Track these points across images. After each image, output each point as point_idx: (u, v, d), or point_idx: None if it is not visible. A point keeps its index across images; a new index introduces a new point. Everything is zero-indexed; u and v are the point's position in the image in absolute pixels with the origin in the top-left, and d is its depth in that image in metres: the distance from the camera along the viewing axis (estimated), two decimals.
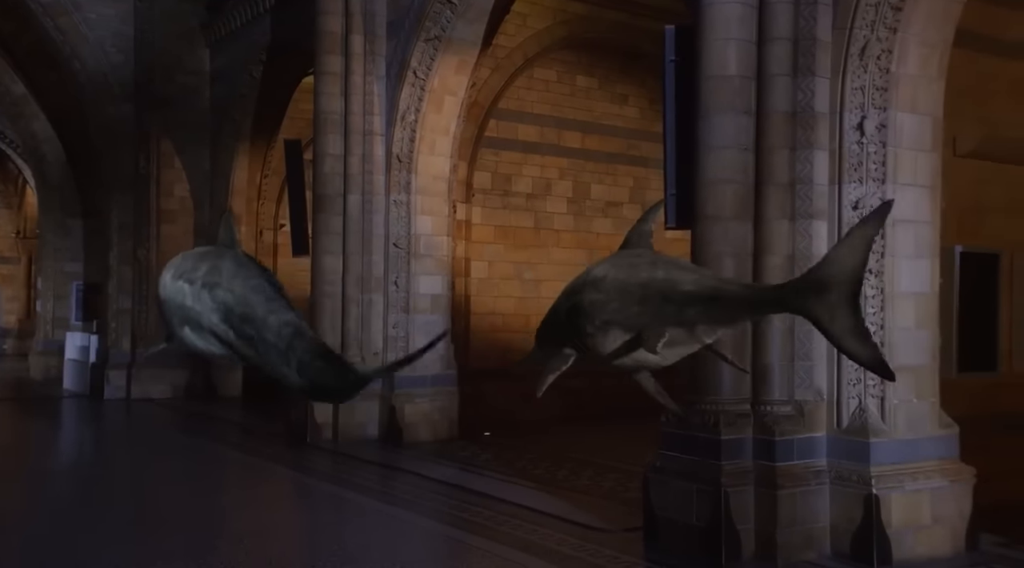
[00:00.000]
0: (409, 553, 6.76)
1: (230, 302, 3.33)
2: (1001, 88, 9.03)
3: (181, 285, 3.62)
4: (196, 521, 7.89)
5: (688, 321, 3.22)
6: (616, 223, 15.02)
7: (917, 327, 6.72)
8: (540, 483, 9.19)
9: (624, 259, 3.54)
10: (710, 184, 6.74)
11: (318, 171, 11.96)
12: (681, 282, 3.23)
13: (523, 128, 13.96)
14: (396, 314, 11.71)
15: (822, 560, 6.42)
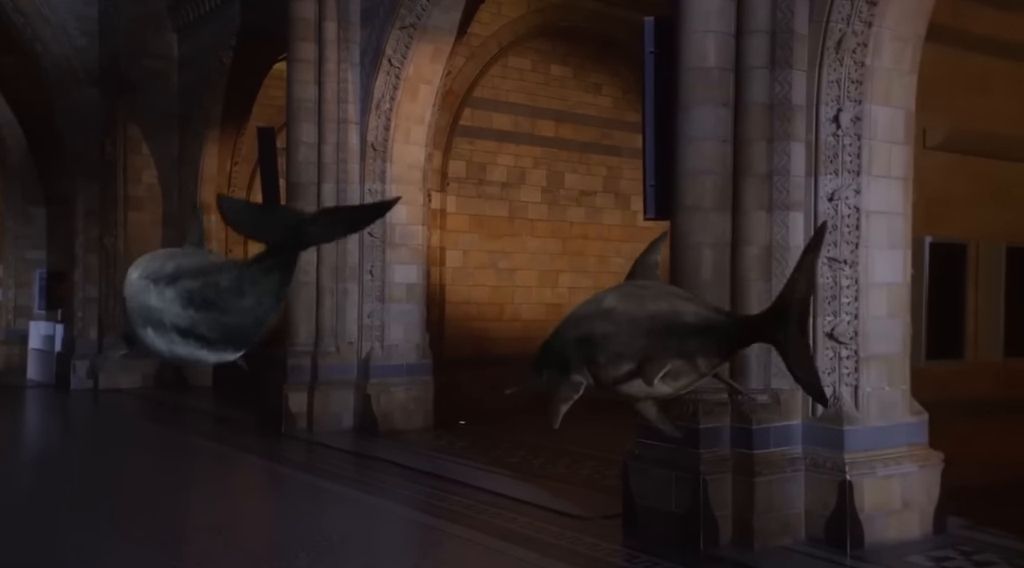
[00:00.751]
0: (390, 542, 6.79)
1: (190, 286, 3.35)
2: (968, 82, 9.22)
3: (146, 284, 3.62)
4: (171, 512, 7.84)
5: (689, 353, 3.35)
6: (589, 212, 15.10)
7: (889, 316, 6.87)
8: (517, 471, 9.25)
9: (632, 290, 3.63)
10: (689, 175, 6.80)
11: (292, 159, 11.87)
12: (683, 314, 3.38)
13: (497, 117, 13.95)
14: (371, 303, 11.68)
15: (797, 545, 6.55)
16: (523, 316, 14.31)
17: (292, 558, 6.14)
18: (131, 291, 3.64)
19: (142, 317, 3.48)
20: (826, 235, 6.74)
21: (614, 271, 15.29)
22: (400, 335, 11.72)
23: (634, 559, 6.23)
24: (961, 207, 8.88)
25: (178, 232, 17.90)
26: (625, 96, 15.31)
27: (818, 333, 6.72)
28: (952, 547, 6.65)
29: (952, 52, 8.83)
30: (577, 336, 3.65)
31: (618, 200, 15.35)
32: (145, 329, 3.46)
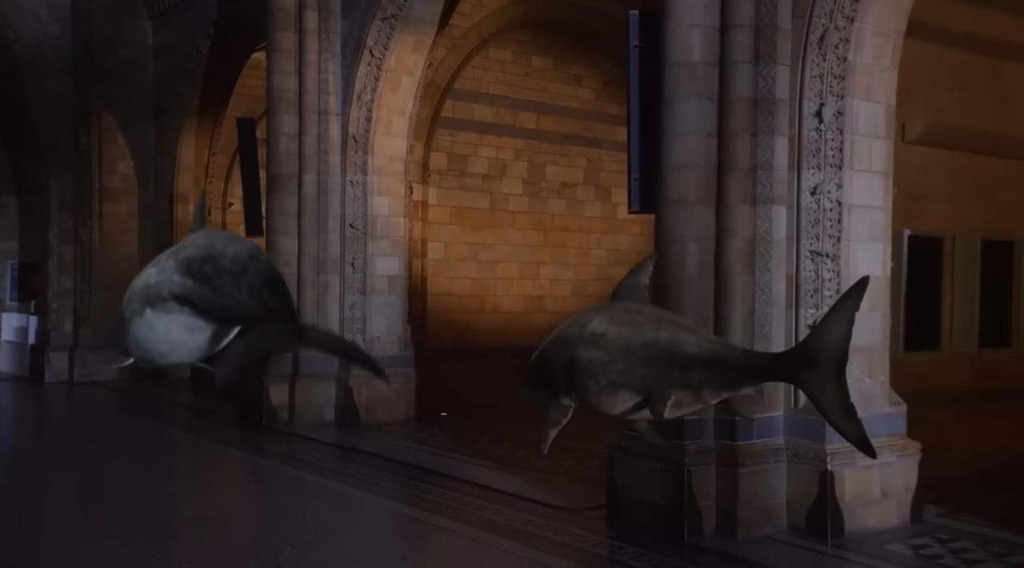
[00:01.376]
0: (376, 535, 6.80)
1: (192, 255, 3.37)
2: (946, 77, 9.33)
3: (147, 271, 3.66)
4: (154, 506, 7.79)
5: (693, 385, 3.32)
6: (570, 204, 15.14)
7: (870, 309, 6.94)
8: (501, 463, 9.28)
9: (624, 314, 3.54)
10: (674, 169, 6.84)
11: (272, 150, 11.78)
12: (684, 344, 3.33)
13: (479, 108, 13.94)
14: (353, 295, 11.65)
15: (779, 535, 6.64)
16: (504, 308, 14.34)
17: (278, 552, 6.12)
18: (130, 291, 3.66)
19: (140, 302, 3.49)
20: (808, 228, 6.82)
21: (595, 263, 15.37)
22: (382, 327, 11.70)
23: (620, 550, 6.28)
24: (939, 201, 9.01)
25: (155, 223, 17.74)
26: (606, 88, 15.34)
27: (800, 325, 6.80)
28: (929, 535, 6.77)
29: (931, 48, 8.93)
30: (565, 359, 3.59)
31: (599, 192, 15.40)
32: (143, 312, 3.46)
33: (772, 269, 6.82)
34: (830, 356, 3.06)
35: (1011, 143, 9.66)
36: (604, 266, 15.43)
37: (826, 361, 3.05)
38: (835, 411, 3.08)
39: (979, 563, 6.14)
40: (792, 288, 6.83)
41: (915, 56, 7.72)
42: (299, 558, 5.97)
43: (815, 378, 3.07)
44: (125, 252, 17.79)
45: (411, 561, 5.99)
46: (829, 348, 3.07)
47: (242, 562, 5.93)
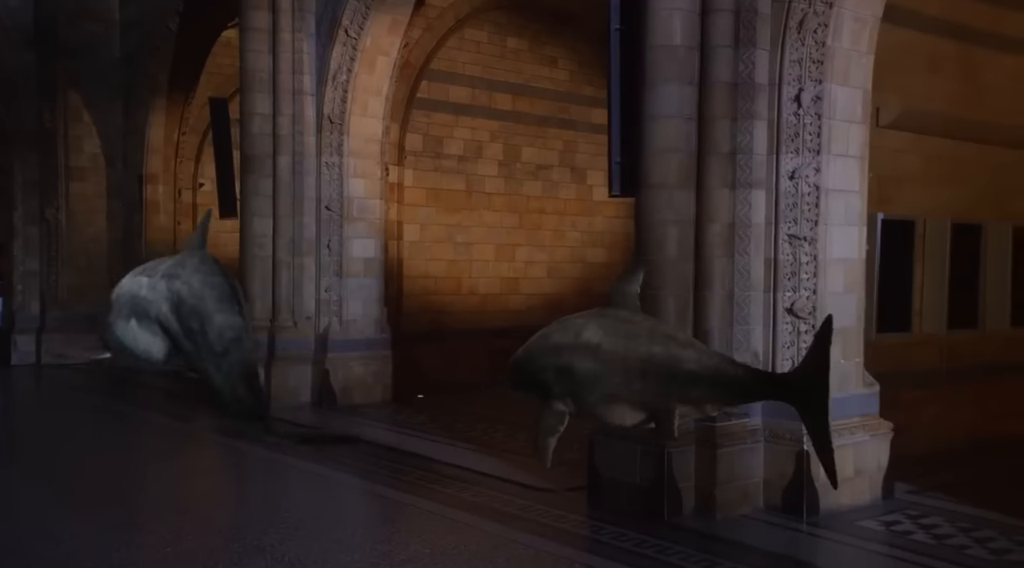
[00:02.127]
0: (358, 517, 6.83)
1: (183, 293, 3.48)
2: (919, 62, 9.43)
3: (140, 279, 3.76)
4: (134, 490, 7.74)
5: (694, 400, 3.46)
6: (546, 186, 15.14)
7: (846, 291, 7.07)
8: (479, 445, 9.33)
9: (617, 325, 3.63)
10: (656, 153, 6.87)
11: (246, 131, 11.64)
12: (683, 360, 3.49)
13: (454, 89, 13.85)
14: (329, 278, 11.59)
15: (756, 513, 6.77)
16: (480, 290, 14.35)
17: (261, 535, 6.12)
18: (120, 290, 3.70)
19: (128, 309, 3.56)
20: (787, 212, 6.91)
21: (570, 245, 15.41)
22: (358, 309, 11.66)
23: (601, 530, 6.36)
24: (911, 185, 9.14)
25: (124, 203, 17.47)
26: (581, 70, 15.32)
27: (778, 308, 6.90)
28: (900, 511, 6.95)
29: (904, 33, 9.01)
30: (557, 366, 3.66)
31: (574, 174, 15.42)
32: (129, 321, 3.51)
33: (751, 252, 6.90)
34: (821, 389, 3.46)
35: (981, 128, 9.81)
36: (579, 248, 15.49)
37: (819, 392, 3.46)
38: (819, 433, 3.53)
39: (948, 538, 6.31)
40: (770, 271, 6.92)
41: (889, 41, 7.79)
42: (283, 541, 5.98)
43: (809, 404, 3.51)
44: (94, 232, 17.54)
45: (395, 543, 6.02)
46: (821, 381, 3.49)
47: (225, 546, 5.92)
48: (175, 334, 3.41)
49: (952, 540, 6.27)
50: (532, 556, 5.78)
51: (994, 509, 6.95)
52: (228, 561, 5.59)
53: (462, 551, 5.87)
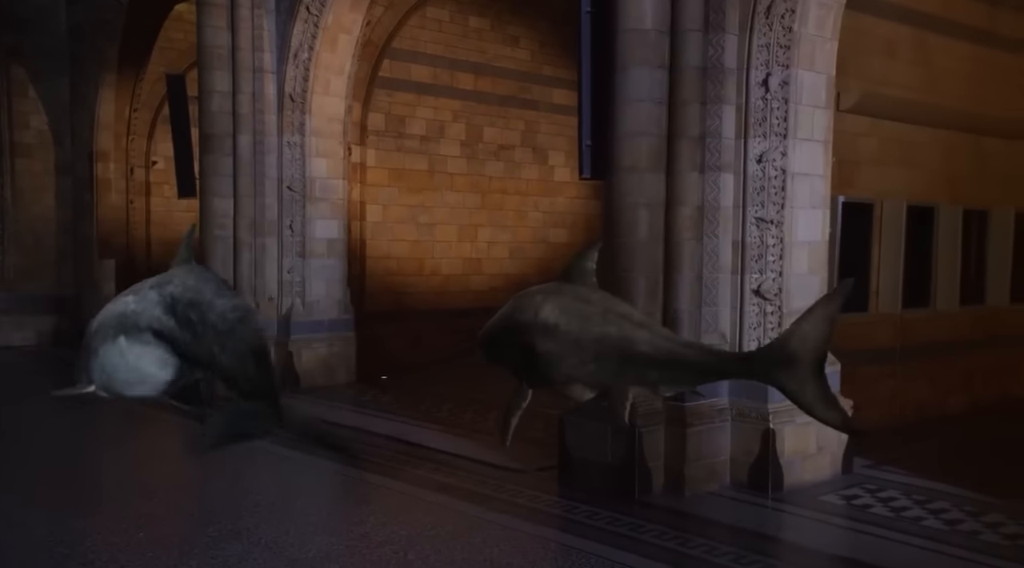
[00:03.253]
0: (332, 499, 6.83)
1: (178, 292, 3.31)
2: (876, 46, 9.61)
3: (124, 299, 3.58)
4: (96, 476, 7.63)
5: (650, 382, 3.39)
6: (508, 167, 15.13)
7: (810, 273, 7.24)
8: (447, 425, 9.38)
9: (573, 304, 3.52)
10: (627, 136, 6.93)
11: (205, 109, 11.42)
12: (636, 342, 3.32)
13: (416, 68, 13.74)
14: (291, 259, 11.48)
15: (723, 490, 6.95)
16: (443, 271, 14.34)
17: (235, 519, 6.10)
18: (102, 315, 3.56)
19: (114, 328, 3.39)
20: (754, 195, 7.03)
21: (532, 225, 15.47)
22: (321, 291, 11.58)
23: (574, 509, 6.46)
24: (869, 168, 9.33)
25: (74, 181, 17.03)
26: (542, 50, 15.30)
27: (745, 290, 7.04)
28: (859, 485, 7.19)
29: (863, 18, 9.15)
30: (520, 344, 3.59)
31: (536, 155, 15.43)
32: (116, 339, 3.36)
33: (719, 235, 7.02)
34: (808, 357, 3.10)
35: (935, 112, 10.04)
36: (541, 228, 15.55)
37: (804, 362, 3.09)
38: (817, 405, 3.15)
39: (904, 510, 6.56)
40: (738, 254, 7.05)
41: (848, 26, 7.92)
42: (258, 524, 5.97)
43: (795, 379, 3.12)
44: (41, 211, 17.09)
45: (372, 524, 6.04)
46: (807, 349, 3.10)
47: (200, 530, 5.89)
48: (171, 334, 3.23)
49: (909, 512, 6.52)
50: (508, 536, 5.86)
51: (946, 481, 7.24)
52: (204, 545, 5.57)
53: (439, 532, 5.93)
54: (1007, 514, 6.46)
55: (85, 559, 5.34)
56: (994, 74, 10.69)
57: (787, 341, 3.17)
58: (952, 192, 10.44)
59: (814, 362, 3.12)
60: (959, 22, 10.38)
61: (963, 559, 5.63)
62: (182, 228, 18.21)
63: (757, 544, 5.83)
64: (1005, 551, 5.76)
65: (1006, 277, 11.15)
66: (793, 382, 3.13)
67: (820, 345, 3.12)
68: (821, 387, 3.15)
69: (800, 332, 3.14)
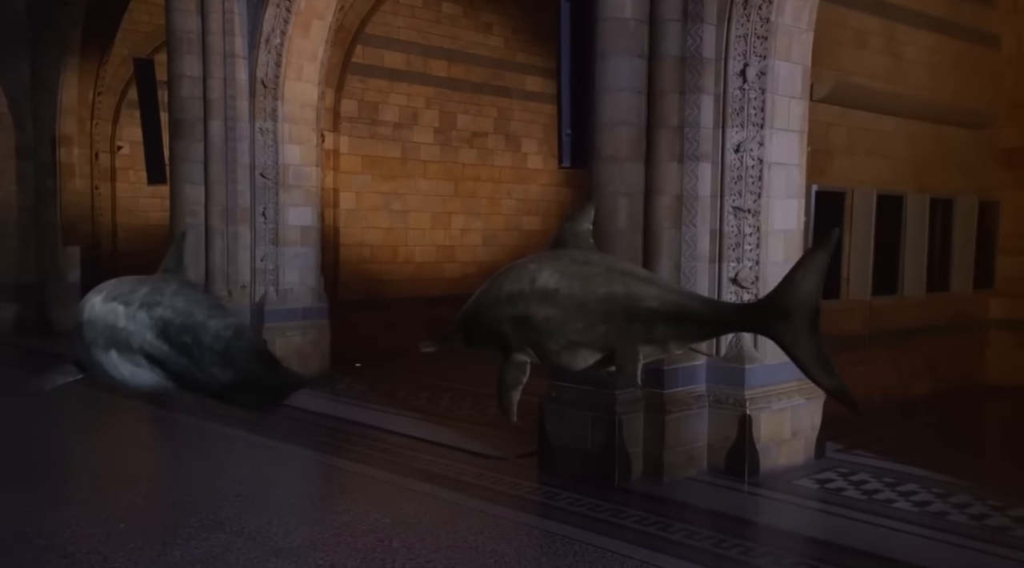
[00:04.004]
0: (313, 488, 6.82)
1: (169, 317, 3.25)
2: (847, 37, 9.74)
3: (114, 307, 3.45)
4: (75, 466, 7.53)
5: (658, 339, 3.24)
6: (481, 154, 15.10)
7: (786, 261, 7.32)
8: (424, 413, 9.39)
9: (572, 266, 3.37)
10: (607, 125, 6.96)
11: (174, 94, 11.25)
12: (643, 297, 3.21)
13: (389, 55, 13.63)
14: (264, 246, 11.38)
15: (701, 476, 7.05)
16: (416, 258, 14.30)
17: (216, 509, 6.07)
18: (92, 314, 3.48)
19: (105, 339, 3.38)
20: (732, 185, 7.11)
21: (505, 213, 15.47)
22: (295, 279, 11.50)
23: (555, 496, 6.52)
24: (840, 157, 9.47)
25: (36, 166, 16.68)
26: (515, 36, 15.27)
27: (723, 278, 7.13)
28: (832, 469, 7.35)
29: (835, 9, 9.27)
30: (513, 315, 3.42)
31: (508, 142, 15.42)
32: (108, 352, 3.34)
33: (697, 224, 7.10)
34: (800, 308, 3.03)
35: (903, 102, 10.21)
36: (514, 215, 15.56)
37: (799, 313, 3.02)
38: (811, 363, 3.08)
39: (876, 493, 6.72)
40: (716, 242, 7.13)
41: (821, 17, 8.01)
42: (240, 514, 5.95)
43: (789, 331, 3.05)
44: (2, 196, 16.74)
45: (354, 513, 6.05)
46: (800, 299, 3.03)
47: (181, 520, 5.85)
48: (164, 359, 3.20)
49: (880, 495, 6.67)
50: (492, 523, 5.90)
51: (914, 464, 7.42)
52: (186, 536, 5.54)
53: (422, 520, 5.95)
54: (973, 495, 6.64)
55: (65, 551, 5.29)
56: (957, 64, 10.90)
57: (782, 291, 3.08)
58: (918, 181, 10.64)
59: (807, 313, 3.03)
60: (924, 13, 10.55)
61: (933, 539, 5.79)
62: (149, 214, 17.95)
63: (736, 528, 5.94)
64: (972, 531, 5.93)
65: (969, 264, 11.41)
66: (787, 335, 3.05)
67: (812, 295, 3.04)
68: (815, 344, 3.06)
69: (791, 283, 3.06)
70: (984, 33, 11.46)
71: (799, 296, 3.03)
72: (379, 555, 5.26)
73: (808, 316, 3.04)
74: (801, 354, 3.08)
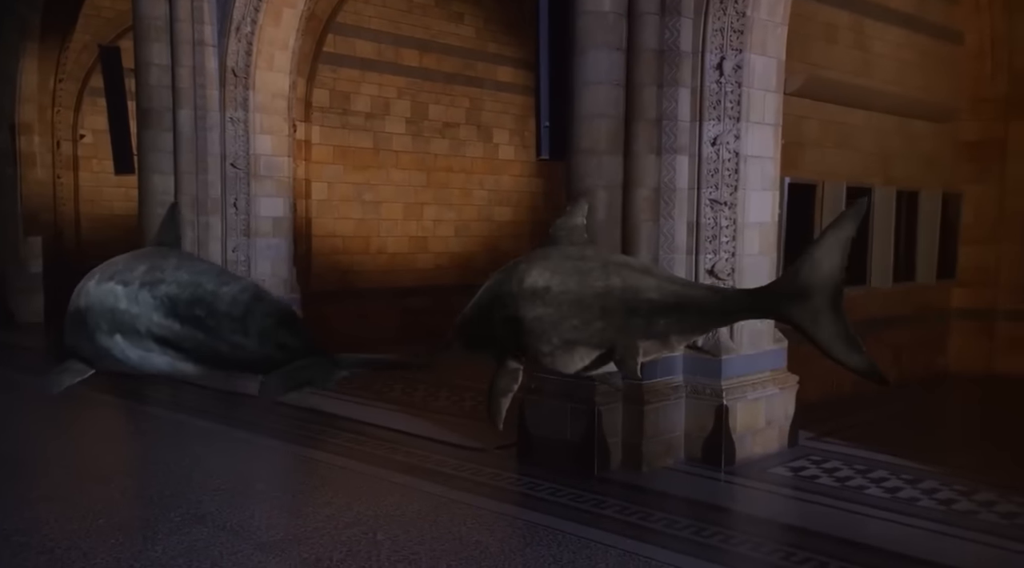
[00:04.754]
0: (294, 481, 6.79)
1: (175, 293, 3.01)
2: (817, 32, 9.87)
3: (111, 288, 3.20)
4: (47, 462, 7.39)
5: (659, 332, 3.06)
6: (453, 145, 15.06)
7: (761, 253, 7.46)
8: (401, 405, 9.38)
9: (566, 263, 3.21)
10: (586, 118, 6.99)
11: (142, 82, 11.06)
12: (643, 289, 3.04)
13: (361, 44, 13.52)
14: (236, 238, 11.25)
15: (678, 465, 7.15)
16: (389, 249, 14.24)
17: (197, 503, 6.02)
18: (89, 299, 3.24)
19: (108, 324, 3.13)
20: (708, 177, 7.19)
21: (477, 203, 15.46)
22: (267, 270, 11.38)
23: (537, 487, 6.56)
24: (812, 150, 9.61)
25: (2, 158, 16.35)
26: (487, 26, 15.23)
27: (700, 270, 7.21)
28: (805, 457, 7.49)
29: (806, 4, 9.38)
30: (504, 317, 3.28)
31: (480, 133, 15.39)
32: (112, 337, 3.13)
33: (675, 217, 7.17)
34: (824, 286, 2.81)
35: (870, 95, 10.39)
36: (486, 206, 15.55)
37: (820, 292, 2.81)
38: (835, 343, 2.87)
39: (848, 480, 6.86)
40: (693, 235, 7.21)
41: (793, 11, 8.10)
42: (221, 508, 5.91)
43: (807, 311, 2.83)
44: None
45: (337, 506, 6.04)
46: (822, 278, 2.81)
47: (162, 515, 5.80)
48: (177, 338, 2.96)
49: (852, 482, 6.82)
50: (475, 515, 5.93)
51: (883, 451, 7.59)
52: (168, 530, 5.50)
53: (405, 511, 5.97)
54: (940, 481, 6.82)
55: (43, 547, 5.22)
56: (922, 59, 11.12)
57: (798, 270, 2.86)
58: (885, 173, 10.84)
59: (830, 292, 2.81)
60: (892, 8, 10.73)
61: (905, 525, 5.93)
62: (114, 204, 17.64)
63: (715, 517, 6.03)
64: (942, 516, 6.09)
65: (934, 255, 11.66)
66: (806, 316, 2.83)
67: (835, 272, 2.81)
68: (839, 323, 2.84)
69: (811, 260, 2.84)
70: (948, 29, 11.69)
71: (819, 274, 2.82)
72: (364, 548, 5.27)
73: (830, 295, 2.83)
74: (823, 335, 2.87)
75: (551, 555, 5.21)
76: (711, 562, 5.19)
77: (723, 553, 5.35)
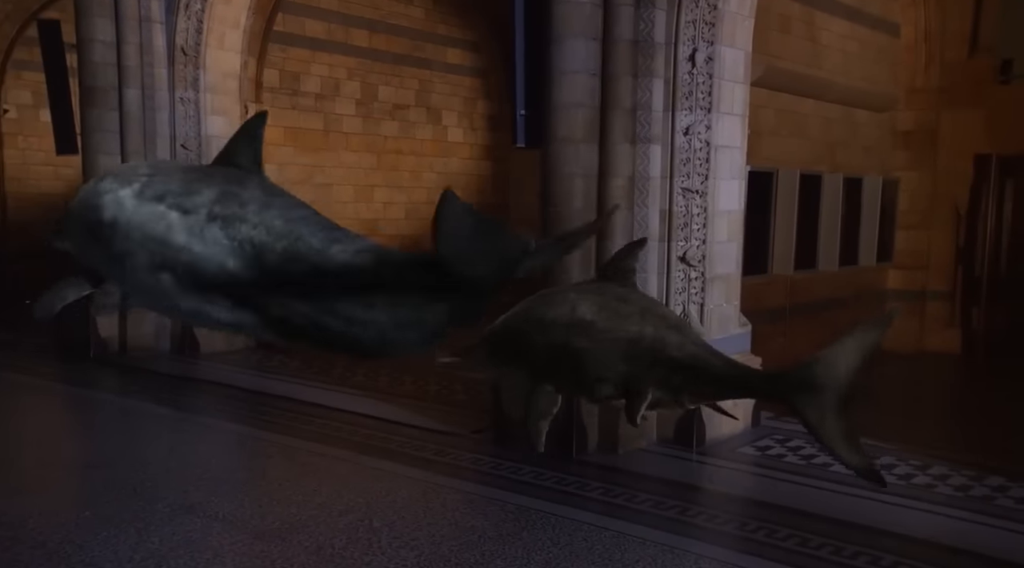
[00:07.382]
0: (278, 470, 6.73)
1: (262, 239, 2.21)
2: (773, 22, 10.16)
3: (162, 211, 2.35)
4: (17, 454, 7.14)
5: (674, 388, 3.11)
6: (403, 126, 14.94)
7: (729, 240, 7.70)
8: (366, 390, 9.36)
9: (612, 303, 3.28)
10: (563, 107, 7.07)
11: (86, 59, 10.65)
12: (668, 344, 3.09)
13: (311, 23, 13.27)
14: None
15: (652, 447, 7.36)
16: None
17: (183, 493, 5.94)
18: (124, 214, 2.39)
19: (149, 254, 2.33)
20: (681, 166, 7.37)
21: (427, 186, 15.39)
22: None
23: (519, 470, 6.68)
24: (768, 138, 9.91)
25: None
26: (436, 8, 15.11)
27: (672, 257, 7.40)
28: (768, 437, 7.80)
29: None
30: (548, 343, 3.27)
31: (430, 115, 15.31)
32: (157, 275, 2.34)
33: (649, 205, 7.32)
34: (834, 385, 2.86)
35: (820, 85, 10.76)
36: (436, 189, 15.43)
37: (829, 391, 2.85)
38: (837, 442, 2.90)
39: (813, 457, 7.17)
40: (665, 222, 7.39)
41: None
42: (209, 498, 5.85)
43: (814, 406, 2.87)
44: None
45: (326, 494, 6.04)
46: (834, 377, 2.87)
47: (149, 506, 5.70)
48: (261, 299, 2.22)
49: (816, 459, 7.13)
50: (465, 500, 6.02)
51: None
52: (159, 522, 5.42)
53: (395, 498, 6.01)
54: (896, 457, 7.20)
55: (35, 541, 5.09)
56: (863, 50, 11.55)
57: (813, 365, 2.90)
58: (832, 161, 11.26)
59: (839, 393, 2.85)
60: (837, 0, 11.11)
61: (868, 499, 6.25)
62: (41, 183, 16.92)
63: (696, 496, 6.27)
64: (902, 489, 6.45)
65: (874, 239, 12.19)
66: (814, 412, 2.86)
67: (848, 375, 2.85)
68: (844, 423, 2.87)
69: (828, 358, 2.88)
70: (887, 22, 12.16)
71: (833, 373, 2.86)
72: (363, 535, 5.30)
73: (838, 395, 2.86)
74: (827, 432, 2.90)
75: (549, 538, 5.34)
76: (701, 541, 5.41)
77: (713, 533, 5.56)
